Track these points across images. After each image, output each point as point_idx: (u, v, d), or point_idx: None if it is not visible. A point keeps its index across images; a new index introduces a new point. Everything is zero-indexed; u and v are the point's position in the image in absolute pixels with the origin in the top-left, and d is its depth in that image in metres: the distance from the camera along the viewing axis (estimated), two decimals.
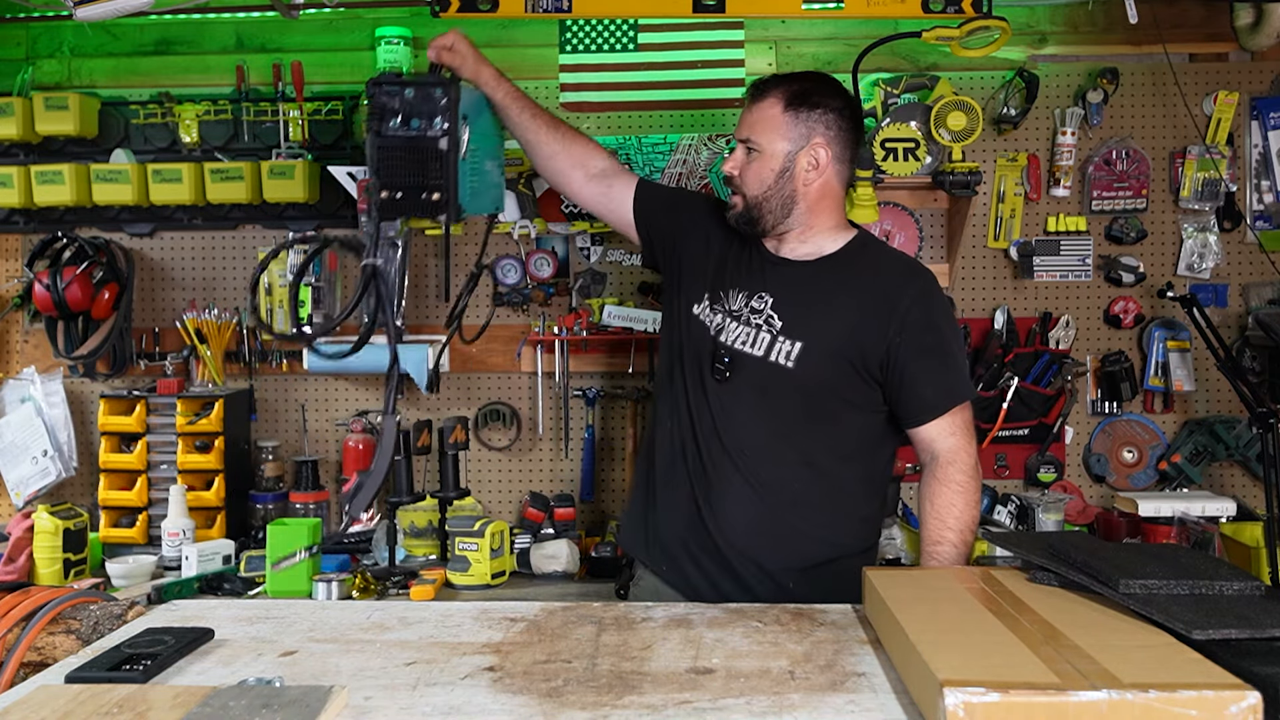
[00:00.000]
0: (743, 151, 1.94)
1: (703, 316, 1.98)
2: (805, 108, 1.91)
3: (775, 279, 1.94)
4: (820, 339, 1.87)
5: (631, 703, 1.18)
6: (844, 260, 1.96)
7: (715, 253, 2.04)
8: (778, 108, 1.91)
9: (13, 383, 3.14)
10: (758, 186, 1.92)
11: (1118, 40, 2.99)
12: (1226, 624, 1.18)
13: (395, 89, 1.86)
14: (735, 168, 1.95)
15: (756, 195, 1.92)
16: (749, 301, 1.93)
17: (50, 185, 3.01)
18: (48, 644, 1.50)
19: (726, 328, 1.93)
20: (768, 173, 1.91)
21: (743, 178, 1.93)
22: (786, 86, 1.92)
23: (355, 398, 3.15)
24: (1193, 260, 3.02)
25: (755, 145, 1.92)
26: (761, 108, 1.92)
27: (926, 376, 1.86)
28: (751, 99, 1.95)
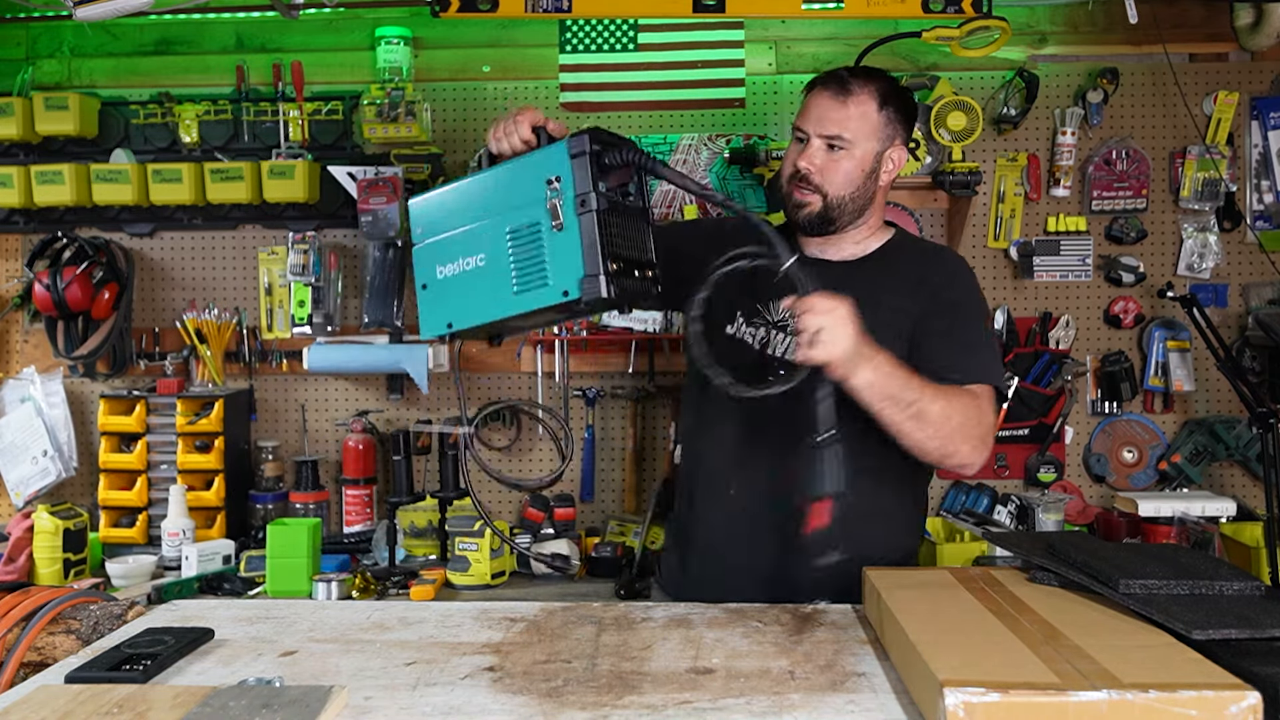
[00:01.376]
0: (823, 147, 1.82)
1: (741, 335, 1.89)
2: (892, 108, 1.84)
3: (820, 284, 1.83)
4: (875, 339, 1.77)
5: (631, 703, 1.18)
6: (887, 256, 1.91)
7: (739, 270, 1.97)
8: (872, 105, 1.82)
9: (13, 383, 3.14)
10: (845, 186, 1.83)
11: (1118, 40, 2.99)
12: (1226, 624, 1.18)
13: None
14: (814, 165, 1.82)
15: (841, 195, 1.83)
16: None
17: (50, 185, 3.01)
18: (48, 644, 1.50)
19: (774, 340, 1.86)
20: (858, 173, 1.83)
21: (824, 176, 1.82)
22: (878, 84, 1.84)
23: (355, 398, 3.15)
24: (1193, 260, 3.02)
25: (844, 143, 1.80)
26: (855, 104, 1.81)
27: (944, 353, 1.78)
28: (836, 93, 1.81)
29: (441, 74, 3.11)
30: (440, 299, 1.60)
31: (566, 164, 1.49)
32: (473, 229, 1.57)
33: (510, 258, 1.53)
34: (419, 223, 1.64)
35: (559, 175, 1.49)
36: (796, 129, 1.86)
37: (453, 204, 1.61)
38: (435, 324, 1.61)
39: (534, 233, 1.51)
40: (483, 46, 3.10)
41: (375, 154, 3.07)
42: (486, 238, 1.56)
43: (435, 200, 1.64)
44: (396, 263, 3.04)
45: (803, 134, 1.84)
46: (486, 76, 3.11)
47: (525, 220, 1.51)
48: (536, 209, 1.51)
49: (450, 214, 1.60)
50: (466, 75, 3.11)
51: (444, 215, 1.61)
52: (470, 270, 1.58)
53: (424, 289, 1.63)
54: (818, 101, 1.83)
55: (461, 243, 1.58)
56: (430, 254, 1.62)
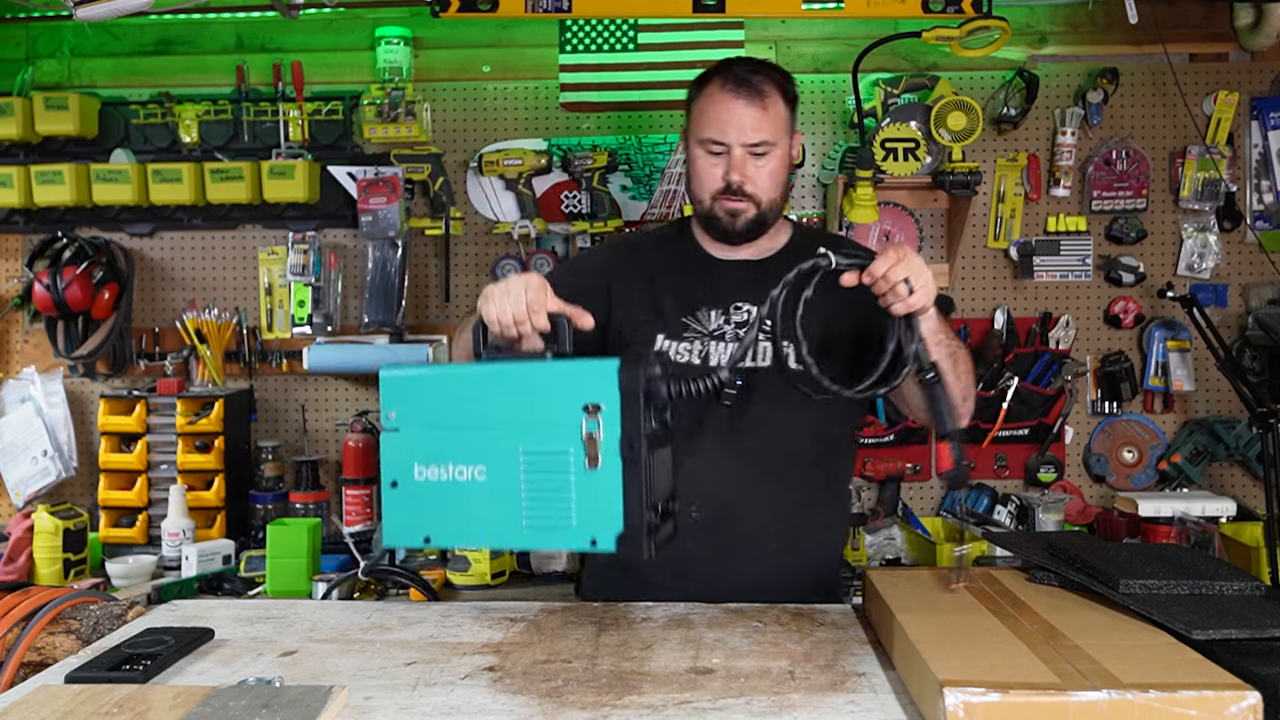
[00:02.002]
0: (745, 156, 1.77)
1: (672, 356, 1.81)
2: (791, 96, 1.83)
3: (746, 285, 1.83)
4: (816, 334, 1.75)
5: (631, 703, 1.18)
6: (799, 247, 1.88)
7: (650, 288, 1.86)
8: (781, 102, 1.79)
9: (13, 383, 3.14)
10: (776, 188, 1.81)
11: (1118, 40, 2.99)
12: (1226, 624, 1.19)
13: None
14: (746, 175, 1.78)
15: (774, 198, 1.82)
16: (727, 317, 1.81)
17: (50, 185, 3.01)
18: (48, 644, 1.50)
19: (713, 351, 1.80)
20: (783, 172, 1.82)
21: (756, 184, 1.78)
22: (776, 77, 1.81)
23: (355, 398, 3.15)
24: (1193, 260, 3.02)
25: (768, 147, 1.77)
26: (770, 104, 1.77)
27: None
28: (752, 99, 1.76)
29: (441, 74, 3.11)
30: (416, 505, 1.35)
31: (614, 395, 1.28)
32: (473, 433, 1.33)
33: (524, 484, 1.31)
34: (395, 402, 1.37)
35: (601, 404, 1.28)
36: (707, 140, 1.77)
37: (448, 393, 1.35)
38: (407, 534, 1.36)
39: (559, 463, 1.29)
40: (483, 46, 3.10)
41: (375, 154, 3.07)
42: (491, 448, 1.32)
43: (423, 381, 1.38)
44: (397, 263, 3.04)
45: (719, 145, 1.77)
46: (486, 76, 3.11)
47: (550, 446, 1.29)
48: (565, 435, 1.29)
49: (443, 405, 1.35)
50: (466, 75, 3.11)
51: (434, 404, 1.35)
52: (464, 483, 1.33)
53: (394, 487, 1.36)
54: (732, 110, 1.76)
55: (456, 446, 1.33)
56: (408, 446, 1.36)
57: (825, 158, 3.07)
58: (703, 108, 1.80)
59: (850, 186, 2.82)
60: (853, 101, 2.84)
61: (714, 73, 1.81)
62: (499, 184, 3.08)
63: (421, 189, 3.06)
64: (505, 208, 3.08)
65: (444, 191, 3.02)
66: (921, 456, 3.06)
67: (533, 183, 3.06)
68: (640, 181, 3.08)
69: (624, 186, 3.08)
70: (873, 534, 2.97)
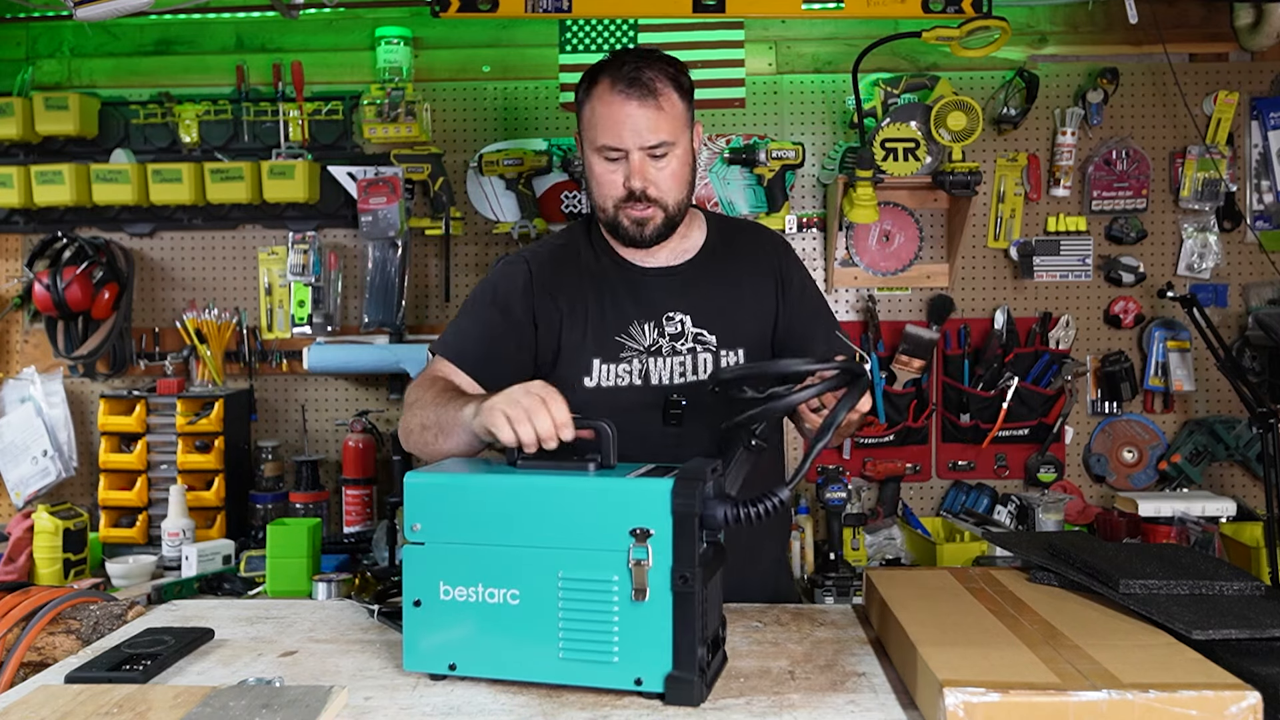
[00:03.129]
0: (645, 159, 1.68)
1: (608, 380, 1.74)
2: (686, 88, 1.72)
3: (674, 294, 1.77)
4: (753, 337, 1.78)
5: (631, 702, 1.18)
6: (718, 245, 1.83)
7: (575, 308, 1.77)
8: (676, 96, 1.69)
9: (13, 383, 3.14)
10: (680, 189, 1.73)
11: (1118, 40, 2.99)
12: (1226, 624, 1.18)
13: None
14: (648, 179, 1.68)
15: (680, 198, 1.74)
16: (660, 329, 1.75)
17: (50, 185, 3.01)
18: (48, 644, 1.50)
19: (652, 368, 1.73)
20: (686, 170, 1.73)
21: (659, 188, 1.70)
22: (668, 70, 1.70)
23: (355, 398, 3.15)
24: (1193, 260, 3.02)
25: (666, 147, 1.68)
26: (664, 102, 1.67)
27: (818, 337, 1.81)
28: (644, 98, 1.65)
29: (441, 74, 3.11)
30: (440, 627, 1.24)
31: (667, 520, 1.16)
32: (504, 550, 1.22)
33: (560, 613, 1.20)
34: (421, 512, 1.25)
35: (652, 530, 1.16)
36: (604, 147, 1.68)
37: (479, 505, 1.23)
38: (430, 658, 1.25)
39: (602, 593, 1.19)
40: (483, 46, 3.10)
41: (375, 154, 3.07)
42: (526, 570, 1.21)
43: (452, 490, 1.25)
44: (397, 263, 3.04)
45: (615, 151, 1.68)
46: (486, 76, 3.11)
47: (592, 573, 1.19)
48: (610, 561, 1.18)
49: (474, 518, 1.24)
50: (466, 75, 3.11)
51: (463, 516, 1.24)
52: (494, 606, 1.22)
53: (416, 606, 1.25)
54: (625, 112, 1.65)
55: (486, 565, 1.22)
56: (432, 562, 1.24)
57: (825, 158, 3.07)
58: (594, 109, 1.69)
59: (850, 186, 2.82)
60: (853, 101, 2.84)
61: (601, 71, 1.70)
62: (499, 184, 3.08)
63: (421, 189, 3.06)
64: (505, 208, 3.08)
65: (444, 191, 3.02)
66: (921, 456, 3.07)
67: (533, 183, 3.06)
68: None
69: None
70: (873, 534, 2.96)
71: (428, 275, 3.14)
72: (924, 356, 2.98)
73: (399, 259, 3.05)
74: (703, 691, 1.17)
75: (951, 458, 3.06)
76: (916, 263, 3.06)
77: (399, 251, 3.05)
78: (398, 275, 3.05)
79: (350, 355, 2.96)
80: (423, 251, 3.13)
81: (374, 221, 2.96)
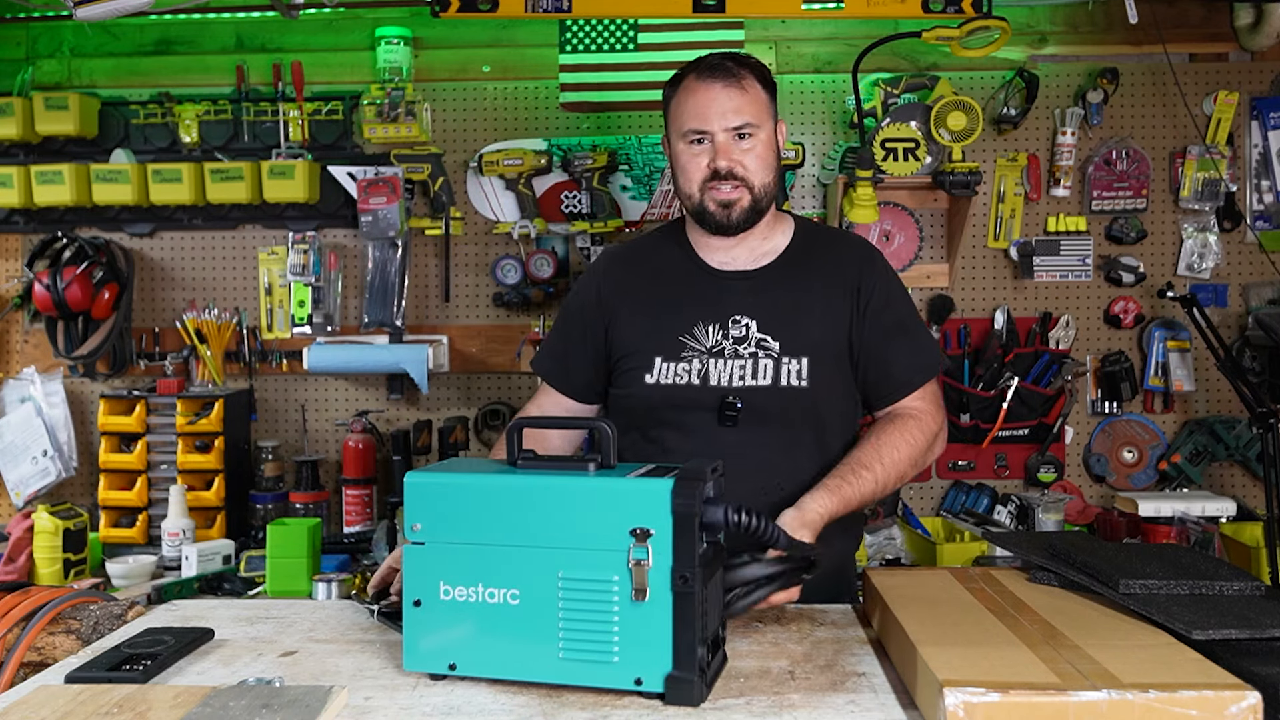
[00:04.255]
0: (732, 139, 1.74)
1: (667, 379, 1.76)
2: (769, 84, 1.80)
3: (744, 297, 1.79)
4: (819, 347, 1.77)
5: (631, 702, 1.18)
6: (798, 254, 1.84)
7: (646, 307, 1.82)
8: (758, 85, 1.77)
9: (13, 383, 3.14)
10: (767, 171, 1.77)
11: (1118, 40, 2.99)
12: (1226, 624, 1.18)
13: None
14: (733, 159, 1.74)
15: (767, 181, 1.77)
16: (725, 331, 1.77)
17: (50, 185, 3.01)
18: (48, 644, 1.50)
19: (712, 369, 1.75)
20: (771, 155, 1.78)
21: (746, 166, 1.74)
22: (752, 63, 1.78)
23: (355, 398, 3.15)
24: (1193, 260, 3.02)
25: (752, 128, 1.74)
26: (748, 87, 1.75)
27: (896, 356, 1.80)
28: (729, 82, 1.73)
29: (441, 74, 3.11)
30: (440, 627, 1.24)
31: (667, 520, 1.17)
32: (504, 550, 1.22)
33: (560, 613, 1.20)
34: (420, 511, 1.25)
35: (653, 529, 1.17)
36: (691, 131, 1.75)
37: (479, 505, 1.24)
38: (431, 658, 1.25)
39: (602, 593, 1.19)
40: (483, 46, 3.10)
41: (375, 154, 3.07)
42: (524, 570, 1.21)
43: (452, 490, 1.26)
44: (396, 263, 3.05)
45: (700, 134, 1.74)
46: (486, 76, 3.11)
47: (591, 573, 1.19)
48: (609, 561, 1.18)
49: (474, 518, 1.24)
50: (466, 75, 3.11)
51: (463, 516, 1.24)
52: (494, 606, 1.22)
53: (416, 606, 1.25)
54: (710, 96, 1.73)
55: (485, 564, 1.23)
56: (432, 562, 1.25)
57: (825, 158, 3.07)
58: (681, 101, 1.77)
59: (850, 186, 2.82)
60: (853, 101, 2.84)
61: (688, 68, 1.79)
62: (499, 184, 3.08)
63: (421, 189, 3.06)
64: (505, 208, 3.08)
65: (444, 191, 3.02)
66: None
67: (533, 183, 3.06)
68: (640, 181, 3.08)
69: (624, 186, 3.08)
70: (873, 534, 2.96)
71: (428, 275, 3.14)
72: None
73: (399, 259, 3.05)
74: (703, 691, 1.17)
75: (951, 458, 3.06)
76: (916, 263, 3.06)
77: (399, 251, 3.05)
78: (398, 275, 3.05)
79: (350, 355, 2.97)
80: (423, 251, 3.13)
81: (374, 221, 2.96)
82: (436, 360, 2.99)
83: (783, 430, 1.74)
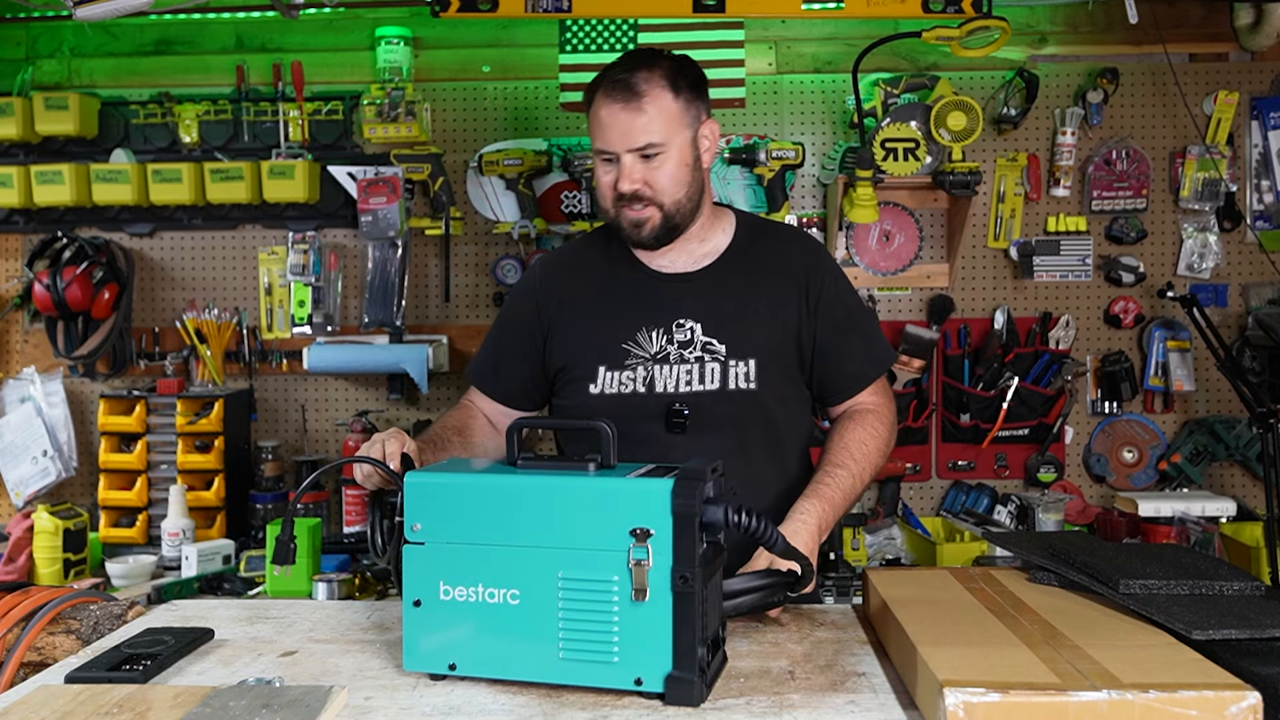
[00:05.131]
0: (637, 159, 1.67)
1: (612, 388, 1.73)
2: (685, 86, 1.70)
3: (686, 300, 1.75)
4: (767, 348, 1.74)
5: (631, 702, 1.18)
6: (741, 252, 1.80)
7: (586, 314, 1.78)
8: (667, 95, 1.67)
9: (13, 383, 3.14)
10: (677, 188, 1.70)
11: (1118, 40, 2.99)
12: (1226, 624, 1.18)
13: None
14: (636, 180, 1.68)
15: (678, 198, 1.70)
16: (669, 336, 1.73)
17: (50, 185, 3.01)
18: (48, 644, 1.50)
19: (658, 375, 1.71)
20: (683, 170, 1.70)
21: (652, 187, 1.68)
22: (661, 69, 1.68)
23: (355, 398, 3.15)
24: (1193, 260, 3.02)
25: (657, 147, 1.67)
26: (649, 103, 1.66)
27: (850, 351, 1.78)
28: (627, 101, 1.65)
29: (441, 74, 3.11)
30: (440, 627, 1.24)
31: (667, 520, 1.17)
32: (504, 550, 1.22)
33: (560, 613, 1.20)
34: (420, 511, 1.25)
35: (652, 530, 1.16)
36: (598, 151, 1.71)
37: (479, 505, 1.24)
38: (430, 658, 1.25)
39: (603, 593, 1.19)
40: (483, 46, 3.10)
41: (375, 154, 3.07)
42: (524, 570, 1.21)
43: (452, 490, 1.25)
44: (396, 263, 3.04)
45: (609, 154, 1.69)
46: (486, 76, 3.11)
47: (591, 573, 1.19)
48: (609, 561, 1.18)
49: (474, 518, 1.24)
50: (466, 75, 3.11)
51: (463, 516, 1.24)
52: (494, 606, 1.22)
53: (416, 606, 1.25)
54: (610, 115, 1.67)
55: (485, 564, 1.23)
56: (432, 562, 1.24)
57: (825, 158, 3.07)
58: (590, 115, 1.72)
59: (850, 186, 2.82)
60: (853, 101, 2.84)
61: (598, 79, 1.71)
62: (499, 184, 3.08)
63: (421, 189, 3.06)
64: (505, 208, 3.08)
65: (444, 191, 3.02)
66: (921, 456, 3.07)
67: (533, 183, 3.06)
68: None
69: None
70: (873, 534, 2.97)
71: (428, 275, 3.14)
72: (924, 356, 2.98)
73: (399, 259, 3.05)
74: (703, 691, 1.17)
75: (951, 458, 3.06)
76: (916, 263, 3.06)
77: (399, 251, 3.05)
78: (397, 275, 3.05)
79: (350, 355, 2.96)
80: (423, 251, 3.13)
81: (374, 221, 2.96)
82: (436, 360, 2.98)
83: (734, 434, 1.71)
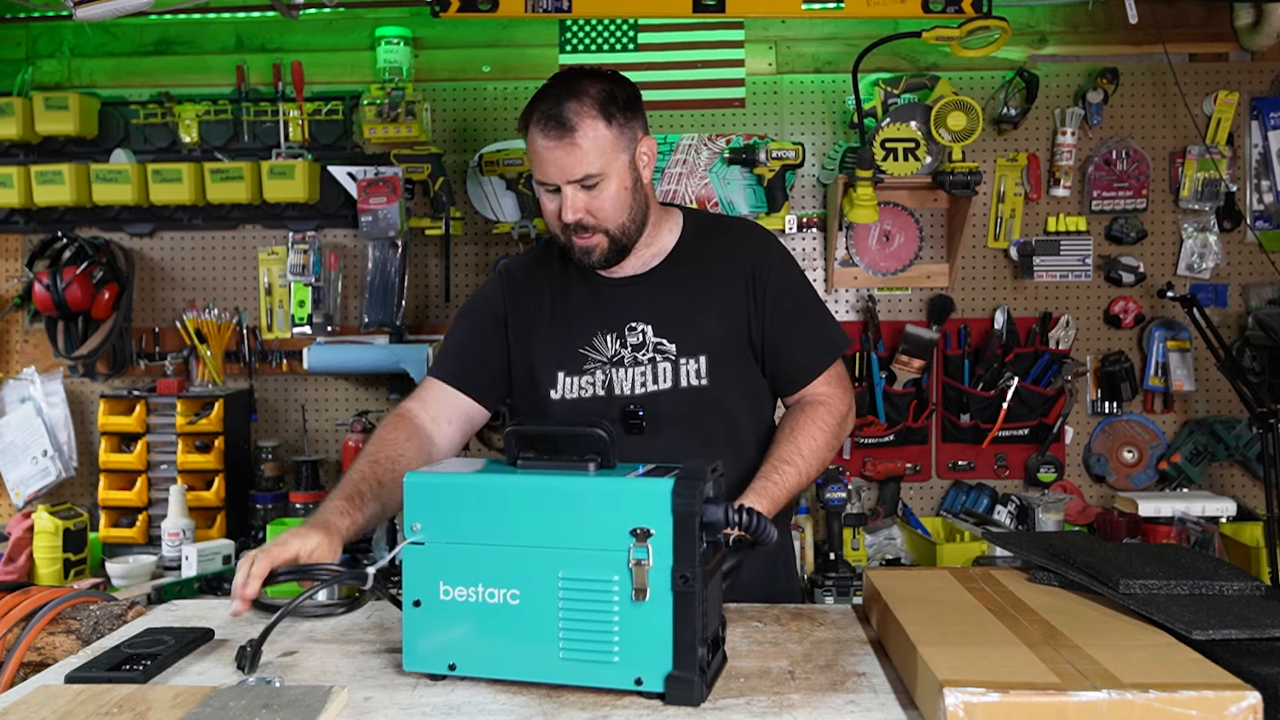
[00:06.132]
0: (577, 189, 1.68)
1: (572, 393, 1.76)
2: (616, 110, 1.69)
3: (637, 302, 1.77)
4: (717, 343, 1.75)
5: (631, 702, 1.18)
6: (688, 249, 1.81)
7: (541, 323, 1.81)
8: (599, 124, 1.67)
9: (13, 383, 3.14)
10: (621, 212, 1.71)
11: (1118, 40, 2.99)
12: (1226, 624, 1.18)
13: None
14: (580, 210, 1.69)
15: (622, 222, 1.72)
16: (622, 340, 1.76)
17: (50, 185, 3.01)
18: (48, 644, 1.50)
19: (615, 379, 1.74)
20: (625, 194, 1.71)
21: (596, 215, 1.70)
22: (591, 97, 1.68)
23: (355, 398, 3.15)
24: (1193, 260, 3.02)
25: (595, 177, 1.67)
26: (582, 136, 1.65)
27: (800, 341, 1.79)
28: (560, 137, 1.65)
29: (441, 74, 3.11)
30: (439, 627, 1.24)
31: (667, 520, 1.17)
32: (504, 550, 1.22)
33: (560, 613, 1.20)
34: (421, 512, 1.25)
35: (653, 529, 1.17)
36: (539, 182, 1.72)
37: (480, 505, 1.24)
38: (430, 658, 1.25)
39: (603, 593, 1.19)
40: (483, 46, 3.10)
41: (375, 154, 3.07)
42: (524, 570, 1.21)
43: (453, 490, 1.26)
44: (396, 263, 3.04)
45: (549, 185, 1.70)
46: (486, 76, 3.11)
47: (591, 573, 1.19)
48: (610, 561, 1.18)
49: (474, 518, 1.24)
50: (466, 75, 3.11)
51: (464, 516, 1.24)
52: (494, 606, 1.22)
53: (416, 606, 1.25)
54: (547, 150, 1.67)
55: (485, 564, 1.23)
56: (432, 561, 1.24)
57: (825, 158, 3.07)
58: (528, 146, 1.72)
59: (850, 186, 2.82)
60: (853, 101, 2.84)
61: (530, 109, 1.70)
62: (499, 184, 3.08)
63: (421, 189, 3.06)
64: (505, 208, 3.09)
65: (444, 191, 3.02)
66: (921, 456, 3.07)
67: (532, 183, 3.05)
68: None
69: None
70: (873, 534, 2.97)
71: (428, 275, 3.14)
72: (924, 356, 2.98)
73: (399, 259, 3.05)
74: (703, 691, 1.17)
75: (951, 458, 3.06)
76: (916, 263, 3.06)
77: (399, 251, 3.05)
78: (398, 275, 3.05)
79: (350, 355, 2.96)
80: (423, 251, 3.13)
81: (374, 221, 2.96)
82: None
83: (691, 431, 1.73)
